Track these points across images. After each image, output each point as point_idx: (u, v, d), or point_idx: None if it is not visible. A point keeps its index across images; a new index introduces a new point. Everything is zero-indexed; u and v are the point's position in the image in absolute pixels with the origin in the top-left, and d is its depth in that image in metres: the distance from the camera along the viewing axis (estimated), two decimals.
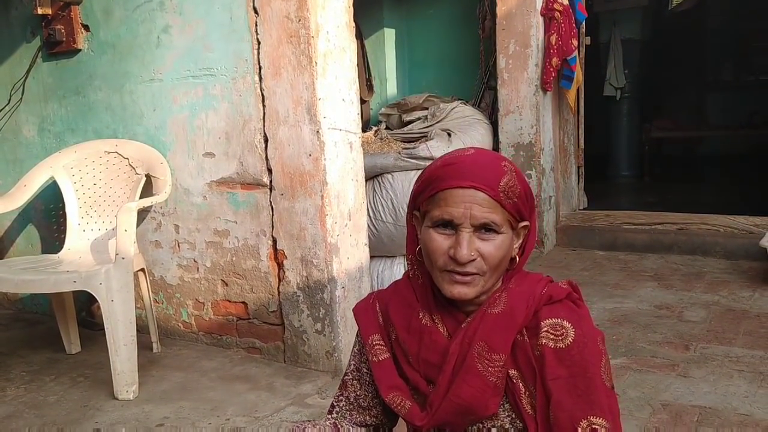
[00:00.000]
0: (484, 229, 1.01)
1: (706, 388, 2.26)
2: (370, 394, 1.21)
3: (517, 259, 1.09)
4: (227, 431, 2.12)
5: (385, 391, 1.13)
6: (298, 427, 1.20)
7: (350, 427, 1.20)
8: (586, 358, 1.01)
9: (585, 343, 1.02)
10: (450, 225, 1.02)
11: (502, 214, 1.02)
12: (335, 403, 1.23)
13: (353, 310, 1.23)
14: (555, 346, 1.02)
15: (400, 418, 1.23)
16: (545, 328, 1.03)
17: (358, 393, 1.21)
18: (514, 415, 1.06)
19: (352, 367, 1.23)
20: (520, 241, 1.08)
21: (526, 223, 1.07)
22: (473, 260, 1.01)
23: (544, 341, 1.03)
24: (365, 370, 1.20)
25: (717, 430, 1.97)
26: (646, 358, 2.55)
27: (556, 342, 1.02)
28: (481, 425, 1.08)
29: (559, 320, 1.03)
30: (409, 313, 1.13)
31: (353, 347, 1.24)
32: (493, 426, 1.07)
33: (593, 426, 0.99)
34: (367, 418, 1.21)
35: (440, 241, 1.03)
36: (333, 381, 2.45)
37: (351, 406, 1.21)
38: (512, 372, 1.05)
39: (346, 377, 1.23)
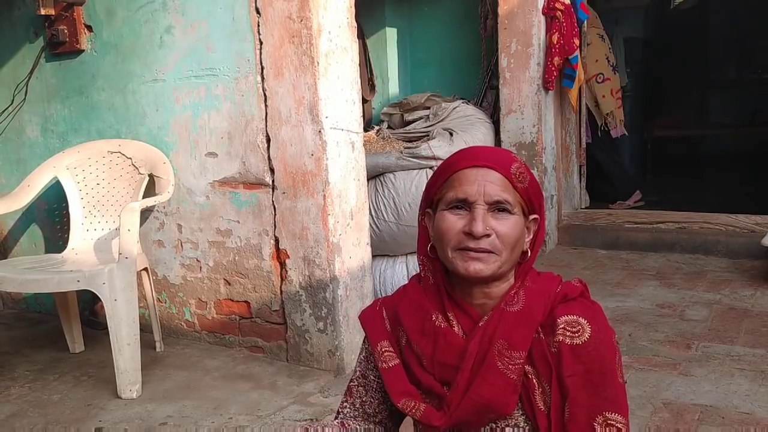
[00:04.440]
0: (498, 207, 1.04)
1: (708, 386, 2.27)
2: (376, 401, 1.21)
3: (529, 252, 1.10)
4: (230, 430, 2.14)
5: (397, 397, 1.12)
6: (307, 427, 1.20)
7: (357, 426, 1.20)
8: (603, 354, 1.02)
9: (601, 339, 1.02)
10: (464, 204, 1.05)
11: (514, 195, 1.05)
12: (340, 410, 1.23)
13: (359, 317, 1.24)
14: (572, 343, 1.02)
15: (402, 423, 1.23)
16: (562, 325, 1.04)
17: (363, 399, 1.21)
18: (528, 414, 1.06)
19: (357, 374, 1.23)
20: (531, 236, 1.10)
21: (535, 216, 1.09)
22: (488, 236, 1.03)
23: (560, 338, 1.03)
24: (372, 378, 1.20)
25: (718, 429, 1.98)
26: (648, 356, 2.56)
27: (572, 339, 1.03)
28: (494, 425, 1.07)
29: (575, 317, 1.04)
30: (422, 315, 1.12)
31: (359, 354, 1.24)
32: (507, 425, 1.07)
33: (609, 421, 1.00)
34: (371, 425, 1.21)
35: (454, 220, 1.05)
36: (335, 380, 2.46)
37: (356, 413, 1.21)
38: (527, 368, 1.05)
39: (352, 384, 1.23)
